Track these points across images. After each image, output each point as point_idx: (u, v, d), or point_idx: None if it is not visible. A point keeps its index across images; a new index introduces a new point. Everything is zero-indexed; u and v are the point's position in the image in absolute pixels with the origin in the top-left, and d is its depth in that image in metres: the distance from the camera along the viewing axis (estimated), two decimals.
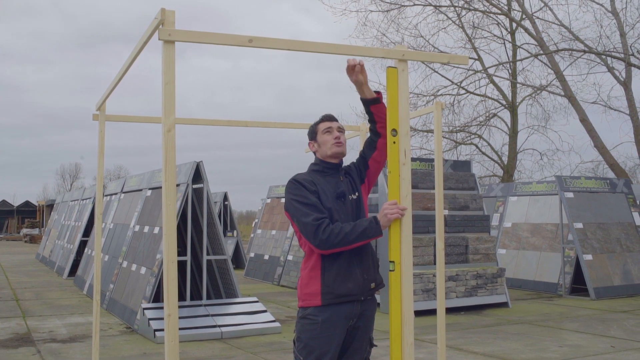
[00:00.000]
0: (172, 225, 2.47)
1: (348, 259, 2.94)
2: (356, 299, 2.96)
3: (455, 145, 22.54)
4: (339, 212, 2.99)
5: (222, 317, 7.96)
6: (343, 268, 2.93)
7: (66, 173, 68.09)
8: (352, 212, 3.05)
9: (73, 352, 6.78)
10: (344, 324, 2.95)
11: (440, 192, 4.16)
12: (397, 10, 20.51)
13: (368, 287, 3.00)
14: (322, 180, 3.06)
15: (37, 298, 11.27)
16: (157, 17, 2.47)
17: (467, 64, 3.21)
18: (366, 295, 3.00)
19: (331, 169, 3.11)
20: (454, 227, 10.15)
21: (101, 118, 4.36)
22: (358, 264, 2.97)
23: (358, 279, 2.95)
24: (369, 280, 3.00)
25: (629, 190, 12.72)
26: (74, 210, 18.10)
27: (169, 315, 2.43)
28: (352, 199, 3.08)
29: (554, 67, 19.01)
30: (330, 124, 3.16)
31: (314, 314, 2.93)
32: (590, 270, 11.02)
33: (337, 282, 2.92)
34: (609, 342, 7.15)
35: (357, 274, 2.95)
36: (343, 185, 3.08)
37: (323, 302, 2.92)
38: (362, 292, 2.98)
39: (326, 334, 2.91)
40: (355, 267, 2.95)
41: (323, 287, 2.93)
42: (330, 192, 3.01)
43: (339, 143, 3.10)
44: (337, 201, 3.00)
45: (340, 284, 2.92)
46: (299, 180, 3.01)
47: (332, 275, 2.93)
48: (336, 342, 2.94)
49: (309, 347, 2.93)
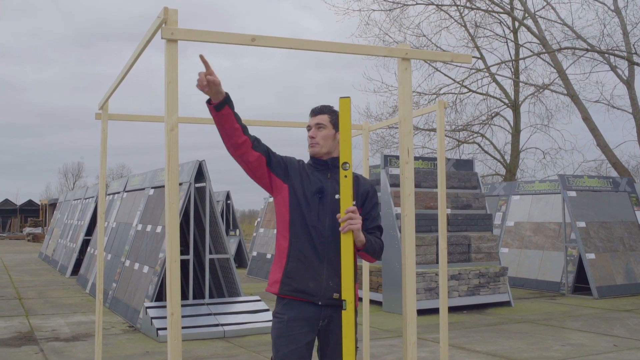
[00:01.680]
0: (175, 224, 2.46)
1: (319, 259, 2.82)
2: (313, 300, 2.81)
3: (457, 144, 22.52)
4: (310, 206, 2.84)
5: (225, 316, 7.96)
6: (309, 265, 2.81)
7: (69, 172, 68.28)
8: (331, 212, 2.84)
9: (76, 351, 6.79)
10: (311, 324, 2.83)
11: (442, 191, 4.15)
12: (399, 9, 20.50)
13: (330, 294, 2.81)
14: (312, 172, 2.94)
15: (40, 297, 11.29)
16: (160, 15, 2.47)
17: (470, 62, 3.18)
18: (325, 302, 2.81)
19: (320, 165, 2.96)
20: (456, 226, 10.15)
21: (104, 117, 4.36)
22: (327, 268, 2.82)
23: (321, 282, 2.81)
24: (332, 288, 2.81)
25: (631, 189, 12.70)
26: (77, 209, 18.13)
27: (171, 314, 2.43)
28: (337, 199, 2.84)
29: (556, 65, 18.98)
30: (310, 120, 3.00)
31: (281, 312, 2.85)
32: (592, 269, 11.01)
33: (299, 276, 2.81)
34: (612, 341, 7.13)
35: (322, 276, 2.81)
36: (327, 183, 2.90)
37: (280, 292, 2.85)
38: (322, 297, 2.81)
39: (292, 333, 2.81)
40: (322, 269, 2.81)
41: (284, 277, 2.84)
42: (310, 186, 2.88)
43: (312, 144, 2.96)
44: (313, 196, 2.87)
45: (301, 280, 2.81)
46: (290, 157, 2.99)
47: (295, 268, 2.82)
48: (302, 342, 2.82)
49: (276, 345, 2.85)
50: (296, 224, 2.86)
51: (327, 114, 2.99)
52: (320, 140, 2.94)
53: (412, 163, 2.93)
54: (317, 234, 2.83)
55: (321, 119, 2.97)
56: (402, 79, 2.92)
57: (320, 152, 2.95)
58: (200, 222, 9.06)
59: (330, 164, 2.96)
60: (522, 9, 19.80)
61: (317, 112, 2.99)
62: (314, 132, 2.96)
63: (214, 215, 8.85)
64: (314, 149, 2.95)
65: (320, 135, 2.94)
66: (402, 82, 2.92)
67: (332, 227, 2.83)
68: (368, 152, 4.89)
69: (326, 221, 2.85)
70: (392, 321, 8.67)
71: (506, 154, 22.84)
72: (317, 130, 2.96)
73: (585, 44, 18.55)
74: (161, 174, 10.21)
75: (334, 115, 2.99)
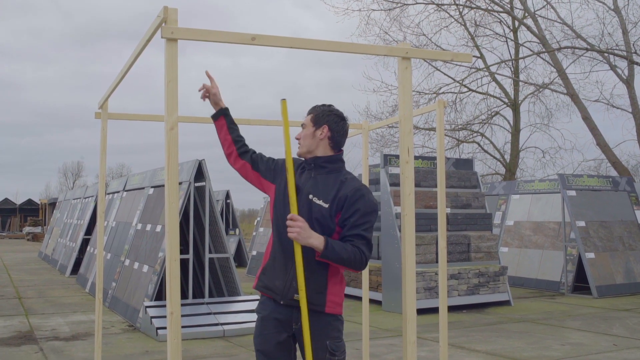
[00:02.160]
0: (175, 223, 2.46)
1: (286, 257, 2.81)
2: (276, 298, 2.84)
3: (457, 144, 22.52)
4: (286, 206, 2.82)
5: (225, 315, 7.96)
6: (279, 263, 2.85)
7: (68, 171, 68.26)
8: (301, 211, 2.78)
9: (75, 350, 6.79)
10: (282, 325, 2.85)
11: (442, 190, 4.15)
12: (399, 8, 20.50)
13: (291, 294, 2.78)
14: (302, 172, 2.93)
15: (39, 296, 11.29)
16: (160, 15, 2.47)
17: (470, 61, 3.18)
18: (286, 302, 2.80)
19: (308, 165, 2.93)
20: (456, 225, 10.15)
21: (103, 116, 4.36)
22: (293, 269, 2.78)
23: (286, 281, 2.81)
24: (295, 288, 2.77)
25: (631, 189, 12.70)
26: (77, 209, 18.13)
27: (171, 313, 2.43)
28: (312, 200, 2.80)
29: (556, 65, 18.98)
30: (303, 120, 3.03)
31: (258, 311, 2.97)
32: (592, 269, 11.01)
33: (270, 273, 2.90)
34: (612, 341, 7.14)
35: (288, 276, 2.80)
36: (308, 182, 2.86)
37: (255, 287, 2.99)
38: (283, 295, 2.81)
39: (265, 332, 2.88)
40: (289, 268, 2.80)
41: (260, 273, 2.96)
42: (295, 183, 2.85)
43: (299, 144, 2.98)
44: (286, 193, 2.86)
45: (270, 277, 2.88)
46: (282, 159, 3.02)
47: (269, 266, 2.91)
48: (273, 342, 2.85)
49: (255, 344, 2.96)
50: (276, 222, 2.91)
51: (312, 113, 2.97)
52: (302, 140, 2.95)
53: (412, 162, 2.93)
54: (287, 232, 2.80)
55: (306, 119, 2.99)
56: (402, 78, 2.91)
57: (301, 152, 2.96)
58: (200, 221, 9.06)
59: (313, 163, 2.91)
60: (522, 8, 19.80)
61: (309, 112, 3.00)
62: (299, 133, 2.99)
63: (213, 215, 8.85)
64: (298, 150, 2.98)
65: (302, 135, 2.96)
66: (402, 81, 2.91)
67: None
68: (368, 152, 4.89)
69: None
70: (392, 320, 8.68)
71: (506, 153, 22.85)
72: (301, 131, 2.98)
73: (585, 43, 18.55)
74: (161, 173, 10.20)
75: (317, 112, 2.95)
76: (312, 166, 2.91)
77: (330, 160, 2.90)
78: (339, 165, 2.93)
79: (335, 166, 2.91)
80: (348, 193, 2.78)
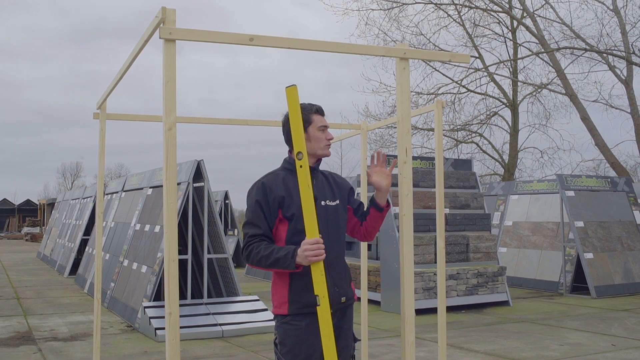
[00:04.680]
0: (173, 223, 2.46)
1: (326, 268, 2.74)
2: None
3: (456, 144, 22.55)
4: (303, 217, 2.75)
5: (223, 316, 7.96)
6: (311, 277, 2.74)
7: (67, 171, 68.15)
8: (326, 218, 2.83)
9: (74, 351, 6.79)
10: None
11: (441, 191, 4.16)
12: (398, 8, 20.52)
13: (338, 300, 2.85)
14: (293, 182, 2.82)
15: (38, 297, 11.28)
16: (158, 15, 2.47)
17: (468, 62, 3.18)
18: (335, 308, 2.82)
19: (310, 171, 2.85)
20: (454, 225, 10.15)
21: (102, 117, 4.36)
22: (330, 274, 2.79)
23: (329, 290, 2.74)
24: (339, 293, 2.85)
25: (630, 189, 12.71)
26: (75, 209, 18.12)
27: (170, 313, 2.43)
28: (327, 204, 2.86)
29: (555, 65, 19.00)
30: (324, 120, 2.92)
31: (296, 319, 2.82)
32: (591, 269, 11.02)
33: (305, 291, 2.76)
34: (610, 341, 7.14)
35: (328, 285, 2.73)
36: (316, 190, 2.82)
37: (289, 312, 2.81)
38: (332, 304, 2.77)
39: (312, 338, 2.78)
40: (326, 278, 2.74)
41: (290, 295, 2.81)
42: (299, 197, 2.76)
43: (329, 145, 2.92)
44: None
45: (308, 294, 2.73)
46: (265, 184, 2.84)
47: (300, 284, 2.79)
48: (320, 348, 2.77)
49: (294, 351, 2.81)
50: (294, 240, 2.79)
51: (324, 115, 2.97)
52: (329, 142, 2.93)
53: (410, 163, 2.93)
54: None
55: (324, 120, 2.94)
56: (400, 78, 2.92)
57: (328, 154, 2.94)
58: (198, 221, 9.05)
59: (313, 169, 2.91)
60: (520, 8, 19.83)
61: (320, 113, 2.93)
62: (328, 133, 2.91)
63: (212, 215, 8.85)
64: (329, 152, 2.92)
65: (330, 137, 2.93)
66: (400, 82, 2.92)
67: (326, 232, 2.78)
68: (366, 152, 4.89)
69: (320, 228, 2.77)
70: (391, 321, 8.68)
71: (504, 154, 22.88)
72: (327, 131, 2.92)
73: (584, 43, 18.57)
74: (159, 174, 10.20)
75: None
76: (313, 172, 2.89)
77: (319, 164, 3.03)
78: None
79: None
80: (347, 185, 3.05)
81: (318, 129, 2.89)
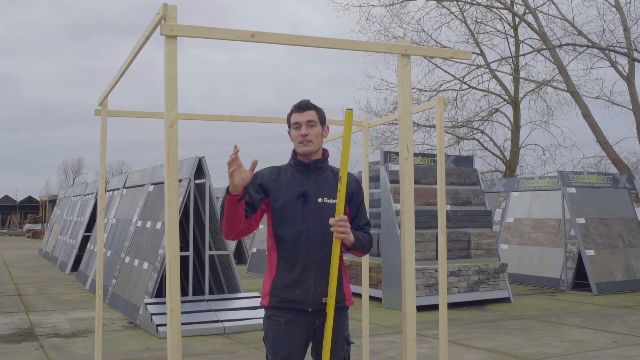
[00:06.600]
0: (175, 220, 2.46)
1: (305, 264, 2.80)
2: (302, 308, 2.79)
3: (457, 141, 22.53)
4: (294, 211, 2.81)
5: (225, 312, 7.97)
6: (295, 273, 2.80)
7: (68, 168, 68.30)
8: (320, 216, 2.81)
9: (76, 347, 6.80)
10: (305, 329, 2.83)
11: (442, 188, 4.15)
12: (399, 4, 20.48)
13: (319, 299, 2.79)
14: (291, 176, 2.87)
15: (39, 293, 11.30)
16: (159, 12, 2.47)
17: (470, 59, 3.17)
18: (314, 307, 2.80)
19: (302, 167, 2.89)
20: (456, 222, 10.15)
21: (103, 113, 4.36)
22: (314, 273, 2.79)
23: (309, 289, 2.79)
24: (321, 292, 2.79)
25: (631, 186, 12.70)
26: (77, 206, 18.13)
27: (171, 310, 2.43)
28: (324, 202, 2.84)
29: (556, 62, 18.97)
30: (299, 117, 2.87)
31: (276, 315, 2.83)
32: (592, 266, 11.02)
33: (286, 286, 2.80)
34: (611, 338, 7.14)
35: (310, 282, 2.78)
36: (310, 186, 2.85)
37: (269, 304, 2.84)
38: (311, 303, 2.79)
39: (290, 335, 2.80)
40: (309, 275, 2.79)
41: (272, 288, 2.84)
42: (291, 191, 2.83)
43: (305, 142, 2.84)
44: (296, 200, 2.82)
45: (289, 290, 2.79)
46: (258, 173, 2.89)
47: (282, 279, 2.82)
48: (301, 343, 2.83)
49: (275, 347, 2.83)
50: (280, 232, 2.84)
51: (313, 110, 2.90)
52: (314, 138, 2.86)
53: (412, 159, 2.93)
54: (304, 238, 2.81)
55: (311, 115, 2.88)
56: (401, 75, 2.91)
57: (312, 151, 2.87)
58: (200, 218, 9.06)
59: (312, 166, 2.89)
60: (522, 4, 19.78)
61: (305, 108, 2.88)
62: (306, 130, 2.84)
63: (213, 212, 8.85)
64: (307, 148, 2.85)
65: (313, 133, 2.86)
66: (401, 79, 2.91)
67: (316, 231, 2.80)
68: (368, 149, 4.89)
69: (311, 225, 2.81)
70: (392, 317, 8.68)
71: (506, 151, 22.86)
72: (309, 127, 2.85)
73: (586, 40, 18.53)
74: (161, 170, 10.20)
75: (320, 111, 2.93)
76: (309, 169, 2.89)
77: (326, 160, 2.98)
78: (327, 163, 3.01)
79: (326, 164, 2.98)
80: (354, 189, 2.93)
81: (292, 127, 2.91)
